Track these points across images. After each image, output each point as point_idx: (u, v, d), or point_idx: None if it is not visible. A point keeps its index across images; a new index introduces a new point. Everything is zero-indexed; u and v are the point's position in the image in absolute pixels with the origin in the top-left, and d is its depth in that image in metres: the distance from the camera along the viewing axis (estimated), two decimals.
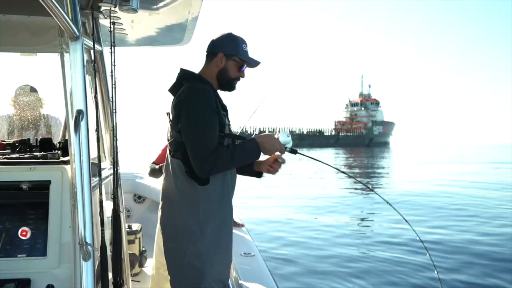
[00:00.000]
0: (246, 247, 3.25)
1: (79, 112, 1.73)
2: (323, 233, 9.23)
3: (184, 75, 2.21)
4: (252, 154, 2.14)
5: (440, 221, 10.42)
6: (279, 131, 2.19)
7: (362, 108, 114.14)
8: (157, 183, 4.01)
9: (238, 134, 2.40)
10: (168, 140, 2.26)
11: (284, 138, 2.17)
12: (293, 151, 2.19)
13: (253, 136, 2.22)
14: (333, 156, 50.64)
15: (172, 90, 2.24)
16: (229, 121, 2.26)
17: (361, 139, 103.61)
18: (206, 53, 2.28)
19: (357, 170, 28.36)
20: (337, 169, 2.67)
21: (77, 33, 1.75)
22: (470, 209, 12.06)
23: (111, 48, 2.12)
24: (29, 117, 3.37)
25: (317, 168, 25.74)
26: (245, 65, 2.25)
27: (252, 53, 2.29)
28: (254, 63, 2.28)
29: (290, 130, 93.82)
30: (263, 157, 2.25)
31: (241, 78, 2.28)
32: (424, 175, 24.00)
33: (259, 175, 2.35)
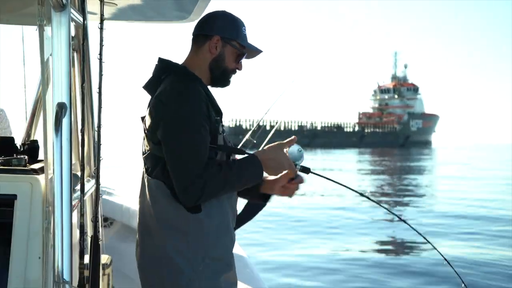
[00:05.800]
0: (251, 280, 3.30)
1: (61, 106, 1.70)
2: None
3: (165, 67, 2.14)
4: (252, 175, 2.07)
5: None
6: (288, 148, 2.16)
7: (396, 96, 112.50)
8: (130, 202, 3.88)
9: (237, 147, 2.33)
10: (143, 154, 2.18)
11: (295, 154, 2.15)
12: (305, 169, 2.17)
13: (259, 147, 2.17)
14: (355, 159, 49.62)
15: (149, 87, 2.15)
16: (223, 128, 2.17)
17: (393, 137, 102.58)
18: (193, 37, 2.22)
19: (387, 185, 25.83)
20: (359, 193, 2.59)
21: (64, 1, 1.70)
22: None
23: (100, 23, 2.07)
24: None
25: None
26: (245, 54, 2.21)
27: (258, 41, 2.26)
28: (255, 51, 2.24)
29: (299, 124, 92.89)
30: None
31: (237, 70, 2.25)
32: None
33: (265, 198, 2.29)
